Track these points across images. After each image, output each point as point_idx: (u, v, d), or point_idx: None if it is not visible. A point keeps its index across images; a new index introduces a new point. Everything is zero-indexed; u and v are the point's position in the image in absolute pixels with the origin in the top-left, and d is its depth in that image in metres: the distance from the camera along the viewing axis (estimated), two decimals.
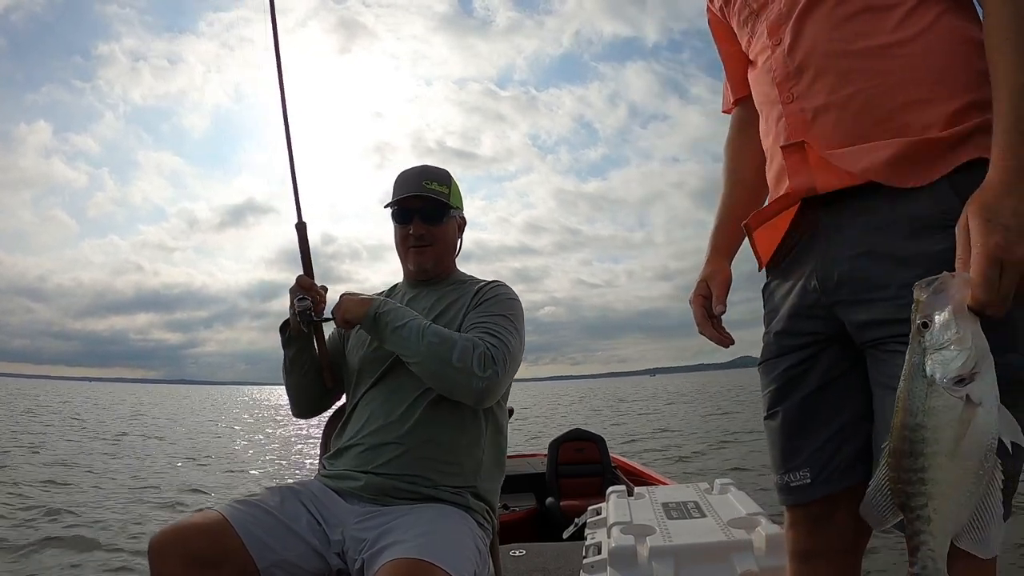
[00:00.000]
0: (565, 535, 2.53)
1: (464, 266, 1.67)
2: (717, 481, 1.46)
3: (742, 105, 1.23)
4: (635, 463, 4.53)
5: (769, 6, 1.01)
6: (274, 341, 1.52)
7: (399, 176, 1.57)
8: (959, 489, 0.64)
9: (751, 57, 1.08)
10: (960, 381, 0.63)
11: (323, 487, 1.40)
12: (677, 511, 1.28)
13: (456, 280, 1.60)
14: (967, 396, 0.62)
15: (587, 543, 1.24)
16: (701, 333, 1.19)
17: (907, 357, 0.67)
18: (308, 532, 1.29)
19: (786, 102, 0.97)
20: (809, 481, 0.98)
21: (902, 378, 0.67)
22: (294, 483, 1.42)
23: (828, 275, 0.92)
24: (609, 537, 1.18)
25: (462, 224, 1.66)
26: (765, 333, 1.07)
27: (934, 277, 0.66)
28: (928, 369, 0.64)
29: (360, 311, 1.38)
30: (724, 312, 1.18)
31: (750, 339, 1.33)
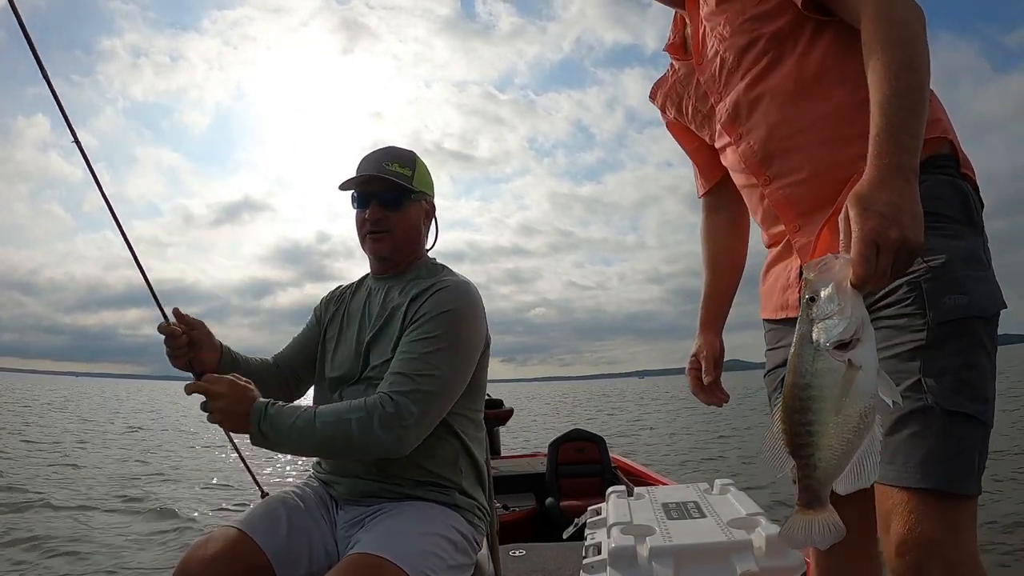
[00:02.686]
0: (565, 535, 2.53)
1: (457, 266, 1.52)
2: (717, 481, 1.45)
3: (712, 192, 1.39)
4: (635, 463, 4.54)
5: (717, 109, 1.16)
6: (264, 339, 1.40)
7: (362, 159, 1.45)
8: (841, 440, 0.71)
9: (718, 147, 1.20)
10: (842, 346, 0.70)
11: (322, 488, 1.39)
12: (677, 511, 1.28)
13: (417, 275, 1.44)
14: (849, 360, 0.70)
15: (587, 543, 1.23)
16: (695, 396, 1.41)
17: (796, 328, 0.75)
18: (327, 542, 1.29)
19: (764, 184, 1.10)
20: None
21: (793, 345, 0.74)
22: (303, 485, 1.40)
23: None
24: (609, 537, 1.18)
25: (430, 210, 1.50)
26: (767, 353, 1.21)
27: (820, 259, 0.74)
28: (814, 336, 0.72)
29: (242, 426, 1.18)
30: (713, 380, 1.38)
31: (734, 343, 1.49)
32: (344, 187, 1.42)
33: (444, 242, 1.56)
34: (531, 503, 4.03)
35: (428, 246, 1.53)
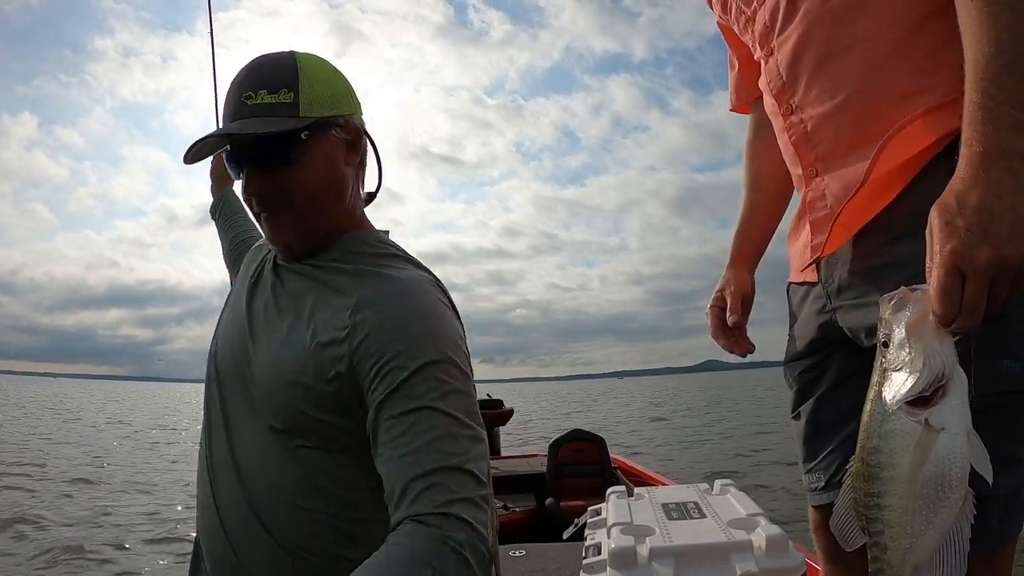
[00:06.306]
0: (565, 535, 2.53)
1: (440, 268, 1.12)
2: (717, 482, 1.45)
3: (759, 104, 1.14)
4: (635, 463, 4.55)
5: (757, 15, 0.97)
6: None
7: (227, 91, 0.85)
8: (917, 518, 0.60)
9: (757, 61, 1.05)
10: (917, 404, 0.58)
11: None
12: (677, 512, 1.27)
13: (337, 256, 0.88)
14: (926, 420, 0.58)
15: (587, 543, 1.23)
16: (715, 341, 1.18)
17: (871, 377, 0.63)
18: None
19: (786, 114, 0.93)
20: (823, 484, 0.99)
21: (867, 399, 0.63)
22: None
23: (830, 279, 0.91)
24: (609, 537, 1.17)
25: (354, 138, 0.89)
26: (788, 335, 1.07)
27: (895, 292, 0.61)
28: (884, 391, 0.61)
29: None
30: (739, 322, 1.13)
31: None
32: (190, 158, 0.84)
33: (428, 244, 1.22)
34: (531, 503, 4.03)
35: (371, 190, 0.97)
